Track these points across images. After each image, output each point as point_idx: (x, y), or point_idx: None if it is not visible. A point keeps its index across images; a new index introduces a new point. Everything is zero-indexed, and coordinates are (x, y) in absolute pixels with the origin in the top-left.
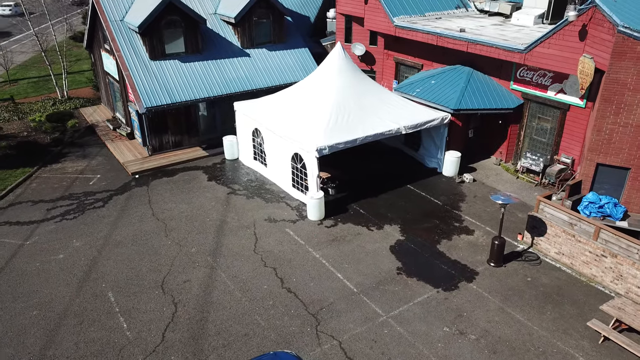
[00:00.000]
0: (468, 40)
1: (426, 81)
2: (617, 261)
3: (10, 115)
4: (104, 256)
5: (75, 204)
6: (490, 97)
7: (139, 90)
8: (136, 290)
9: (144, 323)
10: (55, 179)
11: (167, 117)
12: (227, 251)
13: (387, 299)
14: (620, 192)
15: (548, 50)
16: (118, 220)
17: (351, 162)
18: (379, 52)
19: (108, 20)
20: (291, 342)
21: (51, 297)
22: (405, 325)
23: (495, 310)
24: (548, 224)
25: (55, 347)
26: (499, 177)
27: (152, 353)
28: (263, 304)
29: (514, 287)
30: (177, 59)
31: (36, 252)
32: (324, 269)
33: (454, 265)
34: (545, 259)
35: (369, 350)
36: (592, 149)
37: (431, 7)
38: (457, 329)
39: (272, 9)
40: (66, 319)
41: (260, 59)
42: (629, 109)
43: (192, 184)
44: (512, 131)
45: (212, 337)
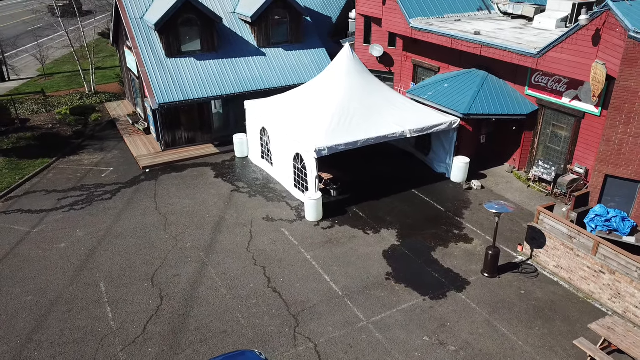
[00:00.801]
0: (481, 44)
1: (439, 84)
2: (615, 278)
3: (39, 108)
4: (103, 247)
5: (85, 195)
6: (504, 102)
7: (153, 86)
8: (127, 282)
9: (129, 314)
10: (71, 170)
11: (180, 114)
12: (220, 248)
13: (371, 304)
14: (631, 206)
15: (561, 55)
16: (122, 212)
17: (357, 164)
18: (398, 54)
19: (128, 17)
20: (267, 341)
21: (47, 284)
22: (384, 332)
23: (480, 322)
24: (547, 236)
25: (42, 332)
26: (509, 185)
27: (131, 344)
28: (246, 302)
29: (505, 299)
30: (193, 57)
31: (41, 239)
32: (313, 271)
33: (446, 273)
34: (543, 272)
35: (343, 355)
36: (600, 159)
37: (451, 8)
38: (437, 339)
39: (289, 9)
40: (57, 306)
41: (276, 58)
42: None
43: (198, 180)
44: (525, 138)
45: (191, 332)
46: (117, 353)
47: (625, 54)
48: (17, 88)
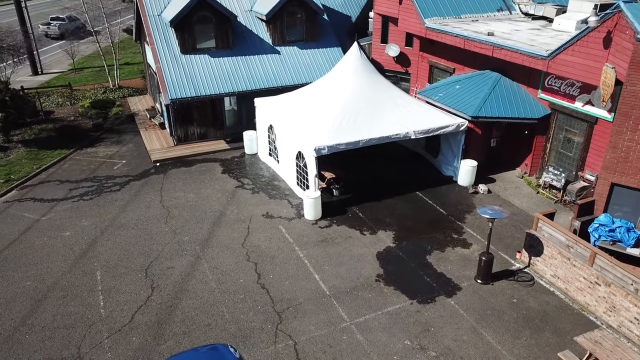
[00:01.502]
0: (493, 45)
1: (451, 86)
2: (611, 291)
3: (63, 101)
4: (105, 237)
5: (96, 186)
6: (515, 105)
7: (167, 81)
8: (122, 272)
9: (119, 303)
10: (86, 162)
11: (192, 110)
12: (216, 242)
13: (357, 305)
14: (638, 217)
15: (571, 58)
16: (128, 204)
17: (363, 164)
18: (414, 54)
19: (147, 14)
20: (248, 337)
21: (47, 270)
22: (366, 334)
23: (466, 329)
24: (545, 244)
25: (35, 316)
26: (517, 190)
27: (117, 332)
28: (234, 297)
29: (495, 307)
30: (207, 54)
31: (47, 227)
32: (304, 269)
33: (438, 278)
34: (540, 281)
35: (321, 355)
36: (606, 166)
37: (469, 9)
38: (419, 343)
39: (304, 7)
40: (53, 292)
41: (290, 56)
42: None
43: (205, 175)
44: (537, 143)
45: (176, 324)
46: (103, 340)
47: (634, 58)
48: (48, 81)
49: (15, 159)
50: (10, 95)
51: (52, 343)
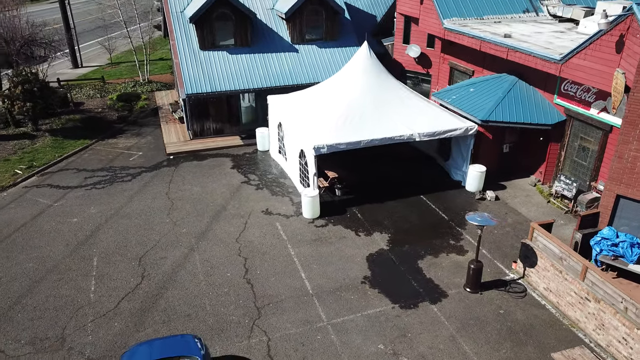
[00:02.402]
0: (508, 47)
1: (465, 88)
2: (600, 307)
3: (94, 93)
4: (108, 225)
5: (109, 176)
6: (529, 110)
7: (184, 77)
8: (117, 259)
9: (109, 289)
10: (105, 152)
11: (209, 105)
12: (212, 236)
13: (337, 306)
14: None
15: (584, 62)
16: (136, 194)
17: (372, 165)
18: (436, 56)
19: (170, 11)
20: (224, 330)
21: (49, 253)
22: (341, 335)
23: (444, 337)
24: (539, 255)
25: (30, 296)
26: (527, 199)
27: (102, 317)
28: (218, 290)
29: (479, 317)
30: (226, 50)
31: (58, 213)
32: (291, 267)
33: (426, 283)
34: (532, 293)
35: (292, 353)
36: (612, 177)
37: (492, 10)
38: (392, 348)
39: (324, 6)
40: (51, 274)
41: (309, 55)
42: None
43: (214, 170)
44: (552, 150)
45: (158, 313)
46: (87, 324)
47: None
48: (85, 74)
49: (41, 147)
50: (39, 86)
51: (40, 323)
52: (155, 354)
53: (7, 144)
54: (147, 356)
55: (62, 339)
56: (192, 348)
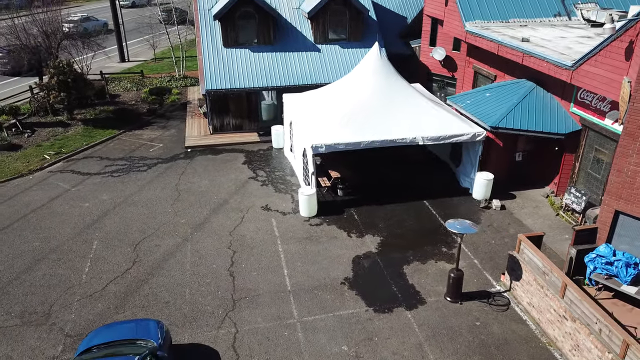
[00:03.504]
0: (523, 52)
1: (481, 93)
2: (576, 327)
3: (131, 86)
4: (115, 211)
5: (127, 165)
6: (542, 118)
7: (205, 72)
8: (115, 244)
9: (100, 272)
10: (129, 142)
11: (229, 101)
12: (208, 228)
13: (311, 304)
14: None
15: (594, 69)
16: (147, 184)
17: (381, 167)
18: (461, 59)
19: (198, 8)
20: (197, 319)
21: (56, 234)
22: (307, 333)
23: (412, 344)
24: (524, 268)
25: (29, 273)
26: (536, 210)
27: (88, 297)
28: (201, 280)
29: (453, 327)
30: (248, 48)
31: (72, 197)
32: (276, 263)
33: (406, 289)
34: (515, 307)
35: (256, 346)
36: (610, 191)
37: (519, 13)
38: (356, 351)
39: (348, 6)
40: (52, 254)
41: (331, 55)
42: None
43: (226, 164)
44: (566, 161)
45: (139, 297)
46: (73, 302)
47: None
48: (130, 68)
49: (72, 135)
50: (73, 78)
51: (32, 298)
52: (115, 336)
53: (43, 130)
54: (106, 337)
55: (48, 315)
56: (150, 332)
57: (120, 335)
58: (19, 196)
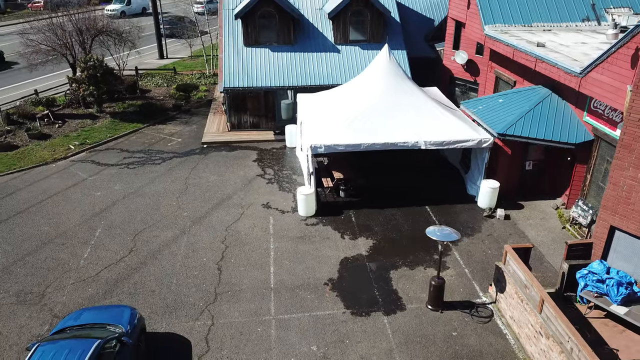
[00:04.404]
0: (536, 57)
1: (495, 99)
2: (550, 344)
3: (163, 82)
4: (123, 201)
5: (144, 158)
6: (553, 126)
7: (224, 71)
8: (117, 233)
9: (98, 258)
10: (150, 136)
11: (247, 99)
12: (207, 222)
13: (290, 303)
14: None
15: (601, 77)
16: (159, 177)
17: (390, 170)
18: (484, 63)
19: (222, 8)
20: (177, 309)
21: (65, 220)
22: (280, 331)
23: (382, 349)
24: (507, 280)
25: (33, 255)
26: (542, 222)
27: (82, 281)
28: (189, 272)
29: (428, 335)
30: (268, 48)
31: (87, 186)
32: (264, 260)
33: (388, 294)
34: (498, 320)
35: (228, 340)
36: (605, 206)
37: (543, 17)
38: (324, 352)
39: (370, 8)
40: (57, 239)
41: (350, 56)
42: None
43: (237, 161)
44: (577, 172)
45: (129, 285)
46: (67, 286)
47: (637, 81)
48: (166, 65)
49: (98, 127)
50: (102, 72)
51: (30, 279)
52: (90, 320)
53: (73, 122)
54: (82, 320)
55: (42, 296)
56: (122, 319)
57: (95, 319)
58: (39, 183)
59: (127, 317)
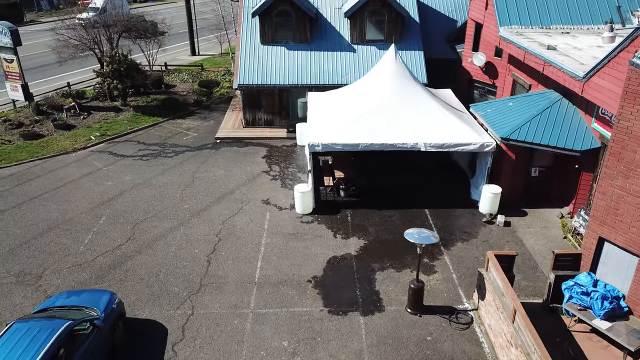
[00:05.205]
0: (544, 60)
1: (504, 102)
2: (518, 355)
3: (188, 78)
4: (131, 192)
5: (158, 150)
6: (560, 132)
7: (240, 68)
8: (120, 222)
9: (97, 245)
10: (168, 130)
11: (261, 97)
12: (206, 215)
13: (271, 298)
14: (628, 285)
15: (602, 82)
16: (168, 169)
17: (396, 171)
18: (502, 66)
19: (243, 7)
20: (161, 297)
21: (74, 207)
22: (256, 325)
23: (352, 349)
24: (487, 288)
25: (39, 238)
26: (544, 231)
27: (78, 266)
28: (180, 262)
29: (402, 338)
30: (285, 46)
31: (100, 176)
32: (253, 255)
33: (369, 295)
34: (477, 327)
35: (203, 330)
36: (594, 216)
37: (563, 19)
38: (294, 348)
39: (387, 8)
40: (63, 225)
41: (366, 56)
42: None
43: (247, 157)
44: (584, 180)
45: (121, 272)
46: (63, 269)
47: (627, 85)
48: (196, 61)
49: (120, 120)
50: (125, 67)
51: (32, 261)
52: (70, 302)
53: (97, 114)
54: (64, 302)
55: (39, 277)
56: (99, 302)
57: (74, 302)
58: (57, 171)
59: (104, 301)
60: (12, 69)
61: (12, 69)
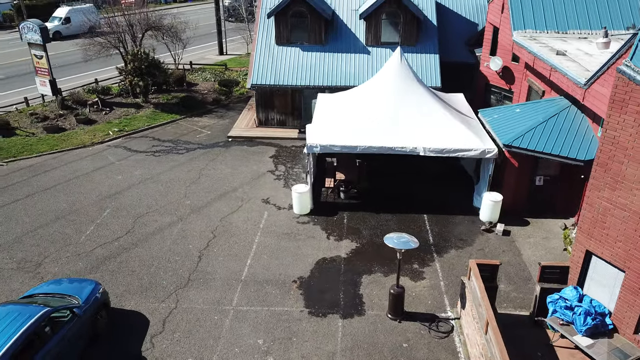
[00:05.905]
0: (551, 65)
1: (512, 109)
2: None
3: (210, 77)
4: (137, 186)
5: (171, 147)
6: (565, 141)
7: (253, 68)
8: (122, 215)
9: (97, 236)
10: (183, 128)
11: (274, 97)
12: (205, 212)
13: (254, 297)
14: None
15: (602, 89)
16: (177, 165)
17: (401, 175)
18: (519, 71)
19: (261, 7)
20: (148, 289)
21: (82, 199)
22: (235, 322)
23: (325, 351)
24: (468, 297)
25: (45, 227)
26: (544, 242)
27: (76, 256)
28: (172, 257)
29: (377, 344)
30: (299, 47)
31: (112, 170)
32: (245, 253)
33: (352, 298)
34: (456, 337)
35: (183, 324)
36: (581, 228)
37: (582, 24)
38: (268, 347)
39: (403, 10)
40: (69, 215)
41: (380, 58)
42: (627, 186)
43: (255, 156)
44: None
45: (114, 263)
46: (63, 258)
47: (614, 94)
48: (222, 61)
49: (139, 116)
50: (146, 65)
51: (35, 249)
52: (56, 290)
53: (119, 110)
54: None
55: (38, 265)
56: (82, 292)
57: (59, 290)
58: (72, 163)
59: (87, 291)
60: (41, 64)
61: (42, 64)
